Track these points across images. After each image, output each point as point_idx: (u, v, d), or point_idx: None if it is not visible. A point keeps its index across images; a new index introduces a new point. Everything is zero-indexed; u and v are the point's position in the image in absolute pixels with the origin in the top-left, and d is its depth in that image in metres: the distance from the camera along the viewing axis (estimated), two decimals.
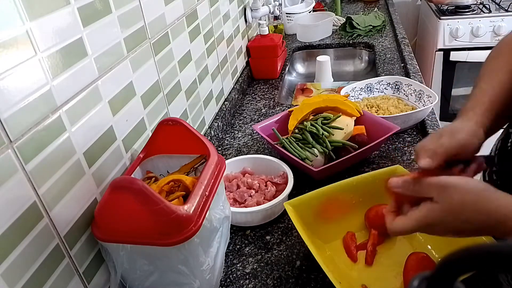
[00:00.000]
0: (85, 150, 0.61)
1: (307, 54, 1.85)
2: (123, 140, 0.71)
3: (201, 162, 0.75)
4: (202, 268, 0.63)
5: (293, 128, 1.02)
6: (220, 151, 1.14)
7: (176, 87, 0.94)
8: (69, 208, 0.57)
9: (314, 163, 0.93)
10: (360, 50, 1.80)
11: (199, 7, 1.08)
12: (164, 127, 0.72)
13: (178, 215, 0.56)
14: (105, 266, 0.65)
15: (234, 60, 1.42)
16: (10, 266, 0.47)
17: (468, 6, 2.16)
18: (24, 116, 0.50)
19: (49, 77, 0.54)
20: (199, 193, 0.61)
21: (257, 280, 0.73)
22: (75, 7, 0.59)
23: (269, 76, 1.56)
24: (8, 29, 0.48)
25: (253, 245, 0.81)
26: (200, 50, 1.09)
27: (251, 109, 1.35)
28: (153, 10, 0.82)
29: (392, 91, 1.26)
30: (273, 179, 0.91)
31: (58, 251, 0.55)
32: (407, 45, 1.65)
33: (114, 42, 0.69)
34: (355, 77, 1.75)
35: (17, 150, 0.48)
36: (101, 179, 0.65)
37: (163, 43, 0.87)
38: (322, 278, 0.71)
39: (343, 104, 1.04)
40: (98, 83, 0.64)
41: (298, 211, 0.74)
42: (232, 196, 0.88)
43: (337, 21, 1.94)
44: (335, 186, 0.79)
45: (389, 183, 0.56)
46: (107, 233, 0.59)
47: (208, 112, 1.15)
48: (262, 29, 1.57)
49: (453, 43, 2.15)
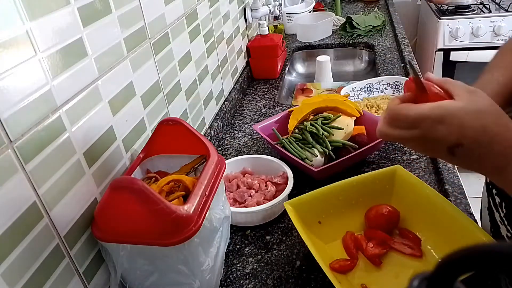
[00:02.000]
0: (85, 150, 0.61)
1: (307, 54, 1.85)
2: (123, 140, 0.71)
3: (201, 162, 0.75)
4: (202, 268, 0.63)
5: (293, 128, 1.02)
6: (220, 151, 1.14)
7: (176, 87, 0.94)
8: (69, 208, 0.57)
9: (314, 163, 0.93)
10: (360, 50, 1.80)
11: (199, 7, 1.08)
12: (164, 127, 0.72)
13: (178, 215, 0.56)
14: (105, 266, 0.65)
15: (234, 60, 1.42)
16: (10, 266, 0.47)
17: (468, 6, 2.16)
18: (24, 116, 0.50)
19: (49, 77, 0.54)
20: (199, 193, 0.61)
21: (257, 280, 0.73)
22: (75, 7, 0.59)
23: (269, 76, 1.56)
24: (8, 29, 0.48)
25: (253, 245, 0.81)
26: (200, 50, 1.09)
27: (251, 109, 1.35)
28: (153, 10, 0.82)
29: (392, 91, 1.26)
30: (273, 179, 0.91)
31: (58, 251, 0.55)
32: (407, 45, 1.65)
33: (114, 42, 0.69)
34: (355, 77, 1.75)
35: (17, 150, 0.48)
36: (101, 179, 0.65)
37: (163, 43, 0.87)
38: (322, 278, 0.71)
39: (343, 104, 1.04)
40: (98, 83, 0.64)
41: (298, 211, 0.74)
42: (232, 196, 0.88)
43: (337, 21, 1.94)
44: (335, 186, 0.79)
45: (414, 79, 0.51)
46: (107, 233, 0.59)
47: (208, 112, 1.15)
48: (262, 29, 1.57)
49: (453, 43, 2.15)
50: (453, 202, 0.81)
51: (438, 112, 0.47)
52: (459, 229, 0.68)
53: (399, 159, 0.99)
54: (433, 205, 0.73)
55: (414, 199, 0.77)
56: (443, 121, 0.46)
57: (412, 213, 0.77)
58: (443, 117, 0.46)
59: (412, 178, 0.79)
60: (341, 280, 0.68)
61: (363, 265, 0.72)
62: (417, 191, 0.77)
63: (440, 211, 0.72)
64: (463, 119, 0.46)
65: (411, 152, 1.01)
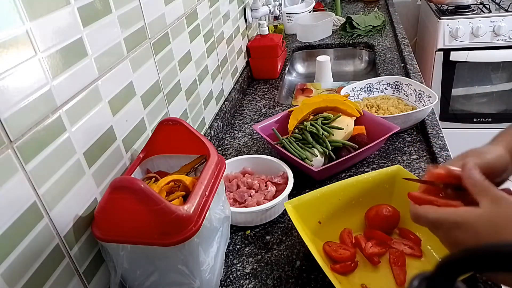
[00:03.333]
0: (85, 150, 0.61)
1: (307, 54, 1.85)
2: (123, 140, 0.71)
3: (201, 162, 0.75)
4: (202, 268, 0.63)
5: (293, 128, 1.02)
6: (220, 151, 1.14)
7: (176, 87, 0.94)
8: (69, 208, 0.57)
9: (314, 163, 0.93)
10: (360, 50, 1.80)
11: (199, 7, 1.08)
12: (164, 127, 0.72)
13: (178, 215, 0.56)
14: (105, 266, 0.65)
15: (234, 60, 1.42)
16: (10, 266, 0.47)
17: (468, 6, 2.16)
18: (24, 116, 0.50)
19: (49, 77, 0.54)
20: (199, 193, 0.61)
21: (257, 280, 0.73)
22: (75, 7, 0.59)
23: (269, 76, 1.56)
24: (8, 29, 0.48)
25: (253, 245, 0.81)
26: (200, 50, 1.09)
27: (251, 109, 1.35)
28: (153, 10, 0.82)
29: (392, 91, 1.26)
30: (273, 179, 0.91)
31: (58, 251, 0.55)
32: (407, 45, 1.65)
33: (114, 42, 0.69)
34: (355, 77, 1.75)
35: (17, 150, 0.48)
36: (101, 179, 0.65)
37: (163, 43, 0.87)
38: (322, 278, 0.71)
39: (343, 104, 1.04)
40: (98, 83, 0.64)
41: (298, 211, 0.74)
42: (232, 196, 0.88)
43: (337, 21, 1.94)
44: (335, 186, 0.79)
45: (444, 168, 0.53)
46: (107, 233, 0.59)
47: (208, 112, 1.15)
48: (262, 29, 1.57)
49: (453, 43, 2.15)
50: None
51: (454, 218, 0.48)
52: None
53: (399, 159, 0.99)
54: None
55: None
56: (459, 227, 0.47)
57: None
58: (459, 224, 0.47)
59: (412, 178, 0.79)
60: (341, 280, 0.68)
61: (363, 265, 0.72)
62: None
63: None
64: (478, 229, 0.46)
65: (411, 152, 1.01)
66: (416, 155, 1.00)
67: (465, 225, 0.46)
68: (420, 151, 1.01)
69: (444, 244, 0.51)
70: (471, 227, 0.46)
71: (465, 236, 0.46)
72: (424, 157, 0.98)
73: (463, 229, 0.47)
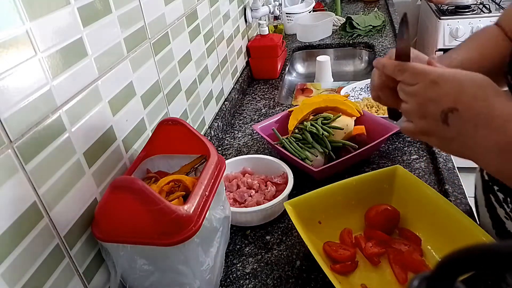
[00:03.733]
0: (85, 150, 0.61)
1: (307, 54, 1.85)
2: (123, 140, 0.71)
3: (201, 162, 0.75)
4: (202, 268, 0.63)
5: (293, 128, 1.02)
6: (220, 151, 1.14)
7: (176, 87, 0.94)
8: (69, 208, 0.57)
9: (314, 163, 0.93)
10: (360, 50, 1.80)
11: (199, 7, 1.08)
12: (164, 127, 0.72)
13: (178, 215, 0.56)
14: (105, 266, 0.65)
15: (234, 60, 1.42)
16: (10, 266, 0.47)
17: (468, 6, 2.16)
18: (24, 116, 0.50)
19: (49, 77, 0.54)
20: (199, 193, 0.61)
21: (257, 280, 0.73)
22: (75, 7, 0.59)
23: (269, 76, 1.56)
24: (8, 29, 0.48)
25: (253, 245, 0.81)
26: (200, 50, 1.09)
27: (251, 109, 1.35)
28: (153, 10, 0.82)
29: None
30: (273, 179, 0.91)
31: (58, 251, 0.55)
32: None
33: (114, 42, 0.69)
34: (355, 77, 1.75)
35: (17, 150, 0.48)
36: (101, 179, 0.65)
37: (163, 43, 0.87)
38: (322, 278, 0.71)
39: (343, 104, 1.04)
40: (98, 83, 0.64)
41: (298, 211, 0.74)
42: (232, 196, 0.88)
43: (337, 21, 1.94)
44: (335, 186, 0.79)
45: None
46: (107, 233, 0.59)
47: (208, 112, 1.15)
48: (262, 29, 1.57)
49: (453, 43, 2.15)
50: (453, 202, 0.81)
51: (442, 71, 0.48)
52: (459, 229, 0.68)
53: (399, 159, 0.99)
54: (433, 205, 0.73)
55: (414, 199, 0.77)
56: (442, 79, 0.47)
57: (412, 213, 0.77)
58: (444, 76, 0.47)
59: (412, 178, 0.79)
60: (341, 280, 0.68)
61: (363, 265, 0.72)
62: (417, 191, 0.77)
63: (440, 211, 0.72)
64: (462, 81, 0.46)
65: (411, 152, 1.01)
66: (416, 155, 1.00)
67: (450, 78, 0.47)
68: (420, 151, 1.01)
69: (414, 110, 0.51)
70: (455, 79, 0.46)
71: (446, 90, 0.46)
72: (424, 157, 0.98)
73: (446, 81, 0.47)
